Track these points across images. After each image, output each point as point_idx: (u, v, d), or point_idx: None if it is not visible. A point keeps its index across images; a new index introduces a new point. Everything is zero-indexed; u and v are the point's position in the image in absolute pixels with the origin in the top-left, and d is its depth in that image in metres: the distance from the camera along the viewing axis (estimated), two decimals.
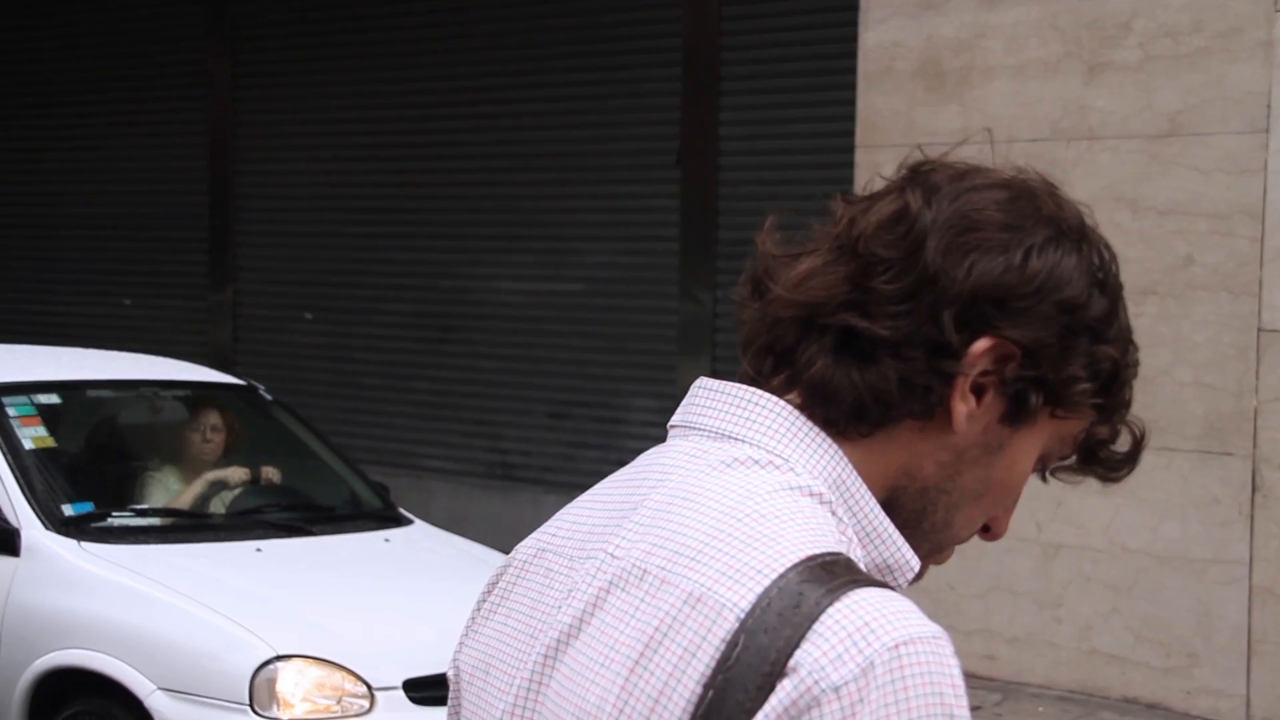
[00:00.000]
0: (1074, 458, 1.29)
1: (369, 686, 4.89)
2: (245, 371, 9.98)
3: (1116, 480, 1.31)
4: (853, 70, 7.59)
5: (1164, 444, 6.44)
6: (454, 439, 9.93)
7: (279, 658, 4.70)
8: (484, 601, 1.30)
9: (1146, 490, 6.55)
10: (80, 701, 4.98)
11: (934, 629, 1.07)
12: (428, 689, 5.02)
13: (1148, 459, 1.32)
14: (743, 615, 1.08)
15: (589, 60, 9.43)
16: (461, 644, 1.31)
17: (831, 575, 1.08)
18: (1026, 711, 6.75)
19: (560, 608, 1.19)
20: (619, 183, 9.35)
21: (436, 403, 10.02)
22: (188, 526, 5.61)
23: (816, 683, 1.04)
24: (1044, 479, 1.32)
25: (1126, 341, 1.25)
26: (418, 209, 9.90)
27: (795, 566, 1.09)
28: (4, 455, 5.38)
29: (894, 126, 7.35)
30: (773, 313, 1.23)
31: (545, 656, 1.18)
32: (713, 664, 1.07)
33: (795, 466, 1.18)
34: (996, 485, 1.25)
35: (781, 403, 1.21)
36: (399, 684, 4.96)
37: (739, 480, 1.17)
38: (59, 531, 5.21)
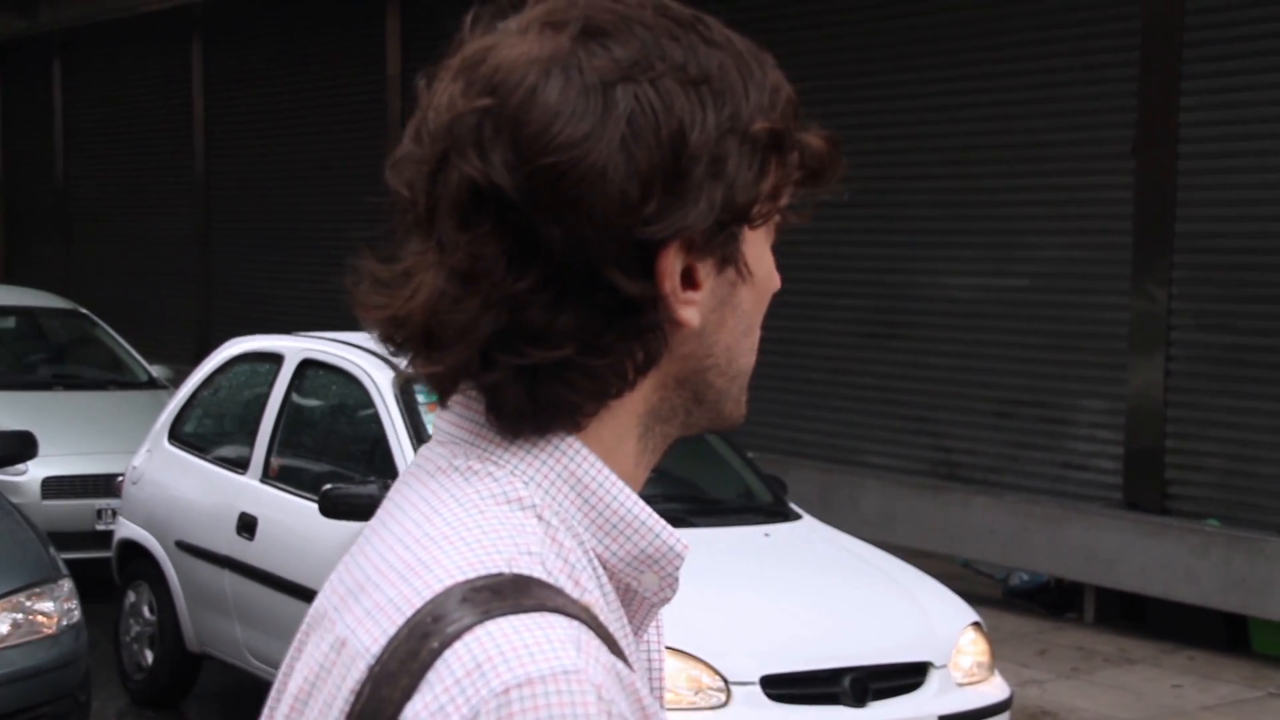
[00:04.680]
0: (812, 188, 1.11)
1: (725, 681, 4.89)
2: None
3: (841, 178, 1.12)
4: None
5: None
6: (897, 435, 9.79)
7: None
8: None
9: None
10: None
11: (566, 664, 0.90)
12: (787, 686, 4.98)
13: None
14: (372, 661, 0.95)
15: (1041, 47, 9.07)
16: None
17: (469, 606, 0.93)
18: None
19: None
20: (1069, 173, 8.95)
21: (880, 399, 9.91)
22: None
23: None
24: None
25: (765, 107, 1.06)
26: (867, 204, 9.80)
27: (435, 599, 0.94)
28: (410, 439, 5.71)
29: None
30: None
31: (268, 710, 1.09)
32: None
33: (498, 470, 1.02)
34: (755, 308, 1.09)
35: None
36: (756, 679, 4.94)
37: (430, 495, 1.03)
38: None
